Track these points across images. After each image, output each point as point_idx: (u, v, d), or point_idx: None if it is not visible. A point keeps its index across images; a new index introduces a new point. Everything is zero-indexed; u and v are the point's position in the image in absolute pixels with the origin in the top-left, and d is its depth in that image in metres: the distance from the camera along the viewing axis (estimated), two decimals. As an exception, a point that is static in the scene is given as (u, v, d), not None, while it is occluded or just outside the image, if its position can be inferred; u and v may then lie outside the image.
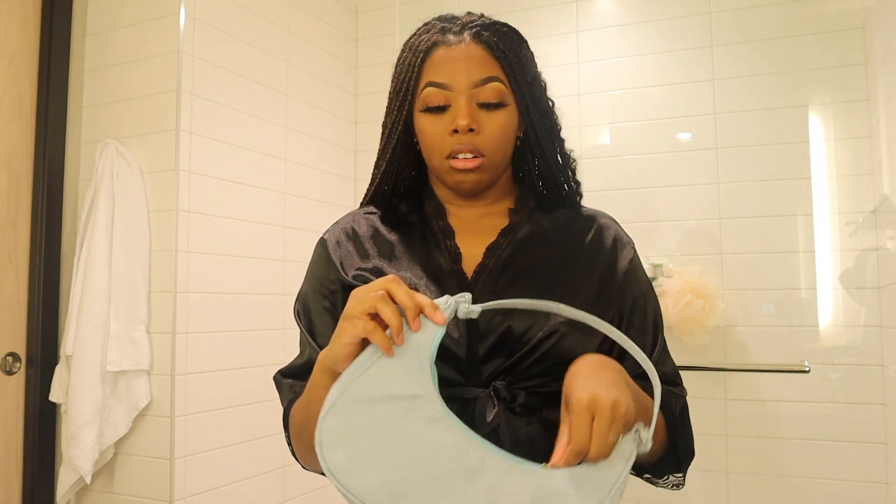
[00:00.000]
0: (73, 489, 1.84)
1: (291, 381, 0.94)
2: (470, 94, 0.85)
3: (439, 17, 0.90)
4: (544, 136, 0.92)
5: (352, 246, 0.93)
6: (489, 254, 0.89)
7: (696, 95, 2.12)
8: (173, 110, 1.86)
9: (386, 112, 0.93)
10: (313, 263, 0.97)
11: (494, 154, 0.87)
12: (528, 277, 0.87)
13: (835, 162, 1.98)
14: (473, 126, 0.84)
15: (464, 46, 0.86)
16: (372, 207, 0.98)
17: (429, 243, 0.91)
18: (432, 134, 0.87)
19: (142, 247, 1.85)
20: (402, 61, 0.90)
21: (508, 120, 0.88)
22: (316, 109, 2.42)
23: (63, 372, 1.82)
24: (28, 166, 1.90)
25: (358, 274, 0.90)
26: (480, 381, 0.83)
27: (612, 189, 2.18)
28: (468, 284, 0.87)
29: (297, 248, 2.28)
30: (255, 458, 2.07)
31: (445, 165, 0.87)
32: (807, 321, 1.98)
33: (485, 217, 0.94)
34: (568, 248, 0.91)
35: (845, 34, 1.98)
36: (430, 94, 0.86)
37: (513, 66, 0.87)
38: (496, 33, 0.87)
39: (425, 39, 0.88)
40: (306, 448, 0.84)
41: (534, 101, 0.90)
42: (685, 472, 0.90)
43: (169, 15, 1.89)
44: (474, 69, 0.85)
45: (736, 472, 2.01)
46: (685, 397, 0.92)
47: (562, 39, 2.29)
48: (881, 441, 1.88)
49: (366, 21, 2.66)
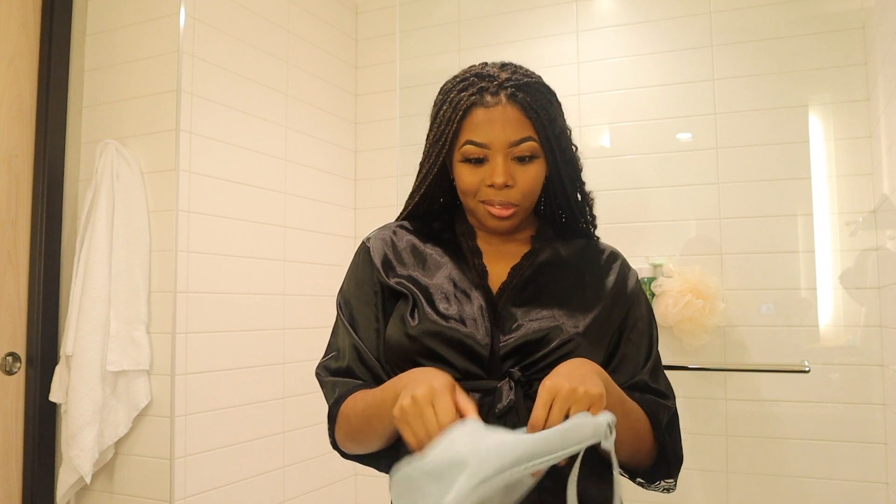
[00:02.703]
0: (73, 489, 1.84)
1: (335, 380, 1.01)
2: (506, 152, 0.95)
3: (477, 74, 0.97)
4: (568, 181, 1.03)
5: (392, 253, 1.04)
6: (513, 273, 1.01)
7: (696, 95, 2.12)
8: (173, 110, 1.86)
9: (426, 155, 1.03)
10: (355, 265, 1.06)
11: (526, 201, 0.99)
12: (547, 294, 0.99)
13: (835, 162, 1.98)
14: (510, 182, 0.95)
15: (500, 108, 0.94)
16: (406, 223, 1.09)
17: (459, 260, 1.03)
18: (469, 182, 0.97)
19: (142, 247, 1.85)
20: (443, 115, 0.98)
21: (540, 172, 0.99)
22: (316, 109, 2.42)
23: (63, 372, 1.82)
24: (28, 166, 1.90)
25: (397, 280, 1.01)
26: (500, 374, 0.94)
27: (613, 189, 2.18)
28: (493, 298, 0.98)
29: (297, 248, 2.28)
30: (255, 458, 2.07)
31: (481, 208, 0.99)
32: (807, 321, 1.98)
33: (509, 243, 1.05)
34: (582, 270, 1.03)
35: (845, 34, 1.98)
36: (470, 150, 0.96)
37: (544, 124, 0.96)
38: (529, 93, 0.95)
39: (464, 98, 0.96)
40: (357, 445, 0.97)
41: (561, 152, 1.00)
42: (675, 478, 1.00)
43: (169, 15, 1.89)
44: (510, 130, 0.94)
45: (736, 472, 2.01)
46: (674, 410, 1.03)
47: (562, 39, 2.29)
48: (881, 441, 1.88)
49: (366, 21, 2.66)
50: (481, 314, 0.96)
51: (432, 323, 0.94)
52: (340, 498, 2.44)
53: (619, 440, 0.88)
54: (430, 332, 0.94)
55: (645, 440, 0.96)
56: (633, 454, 0.96)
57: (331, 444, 1.03)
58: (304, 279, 2.30)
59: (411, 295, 0.98)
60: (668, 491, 1.01)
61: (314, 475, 2.30)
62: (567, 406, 0.79)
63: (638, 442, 0.95)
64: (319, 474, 2.32)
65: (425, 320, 0.95)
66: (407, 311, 0.97)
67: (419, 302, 0.97)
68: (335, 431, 0.99)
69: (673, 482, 1.00)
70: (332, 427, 1.00)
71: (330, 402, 1.00)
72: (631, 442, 0.94)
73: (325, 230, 2.43)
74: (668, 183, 2.13)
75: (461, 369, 0.94)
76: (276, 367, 2.17)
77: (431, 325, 0.94)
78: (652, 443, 0.97)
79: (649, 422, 0.96)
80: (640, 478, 1.01)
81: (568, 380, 0.81)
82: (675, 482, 1.00)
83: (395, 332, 0.97)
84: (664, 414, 1.00)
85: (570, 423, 0.75)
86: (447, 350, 0.94)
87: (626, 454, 0.95)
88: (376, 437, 0.93)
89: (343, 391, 0.98)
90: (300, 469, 2.24)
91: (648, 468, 0.99)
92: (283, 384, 2.19)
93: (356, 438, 0.96)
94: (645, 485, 1.01)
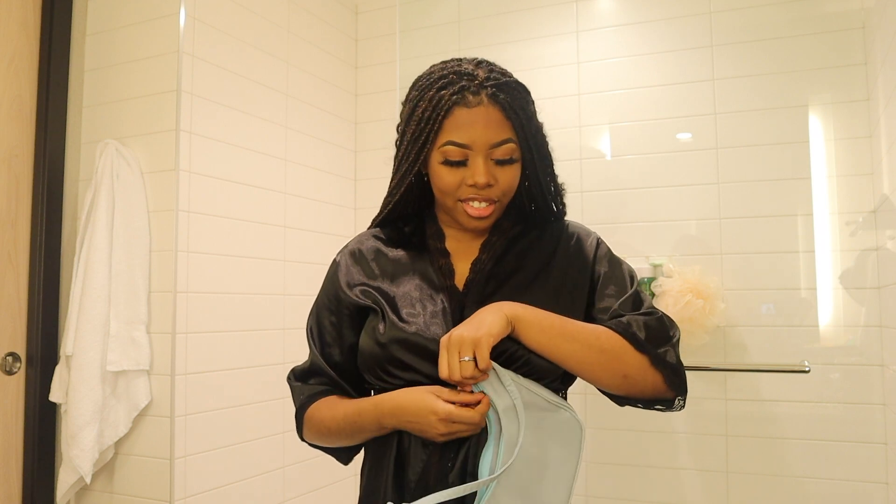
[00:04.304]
0: (73, 489, 1.84)
1: (300, 385, 1.11)
2: (487, 153, 0.96)
3: (456, 71, 0.97)
4: (542, 173, 1.04)
5: (357, 266, 1.08)
6: (474, 269, 1.03)
7: (696, 95, 2.12)
8: (173, 110, 1.86)
9: (403, 154, 1.01)
10: (326, 281, 1.12)
11: (505, 199, 1.01)
12: (509, 285, 1.01)
13: (835, 162, 1.98)
14: (491, 182, 0.97)
15: (482, 109, 0.95)
16: (378, 230, 1.12)
17: (426, 262, 1.05)
18: (449, 182, 0.98)
19: (142, 247, 1.85)
20: (422, 113, 0.97)
21: (518, 172, 1.01)
22: (316, 109, 2.42)
23: (63, 372, 1.82)
24: (28, 166, 1.90)
25: (363, 290, 1.04)
26: None
27: (613, 189, 2.18)
28: (459, 296, 1.00)
29: (297, 248, 2.28)
30: (255, 458, 2.07)
31: (459, 207, 1.00)
32: (807, 321, 1.98)
33: (478, 239, 1.07)
34: (545, 254, 1.05)
35: (845, 34, 1.98)
36: (451, 151, 0.96)
37: (523, 125, 0.97)
38: (509, 94, 0.96)
39: (446, 97, 0.95)
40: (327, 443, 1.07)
41: (537, 149, 1.01)
42: (683, 393, 1.00)
43: (169, 15, 1.89)
44: (492, 132, 0.95)
45: (736, 472, 2.01)
46: (659, 315, 1.01)
47: (562, 39, 2.29)
48: (881, 441, 1.88)
49: (366, 21, 2.66)
50: (444, 317, 0.98)
51: (399, 330, 0.97)
52: (340, 498, 2.44)
53: (582, 365, 0.94)
54: (397, 340, 0.97)
55: (626, 359, 0.94)
56: (623, 377, 0.95)
57: (299, 437, 1.12)
58: (304, 279, 2.30)
59: (378, 307, 1.01)
60: (681, 407, 1.00)
61: (314, 475, 2.30)
62: (457, 352, 0.88)
63: (615, 361, 0.94)
64: (319, 474, 2.32)
65: (392, 329, 0.98)
66: (377, 322, 1.00)
67: (385, 312, 1.00)
68: (303, 431, 1.09)
69: (683, 401, 1.00)
70: (300, 427, 1.09)
71: (295, 405, 1.10)
72: (604, 364, 0.93)
73: (325, 230, 2.43)
74: (668, 183, 2.13)
75: (428, 375, 0.95)
76: (276, 367, 2.17)
77: (398, 333, 0.97)
78: (639, 357, 0.95)
79: (623, 339, 0.94)
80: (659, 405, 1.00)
81: (461, 328, 0.89)
82: (684, 401, 1.00)
83: (366, 343, 1.01)
84: (641, 329, 0.97)
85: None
86: (412, 357, 0.96)
87: (608, 378, 0.95)
88: (350, 442, 1.05)
89: (303, 399, 1.08)
90: (300, 469, 2.24)
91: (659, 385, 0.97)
92: (283, 384, 2.19)
93: (327, 441, 1.07)
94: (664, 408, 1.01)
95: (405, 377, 0.96)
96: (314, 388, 1.08)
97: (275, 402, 2.16)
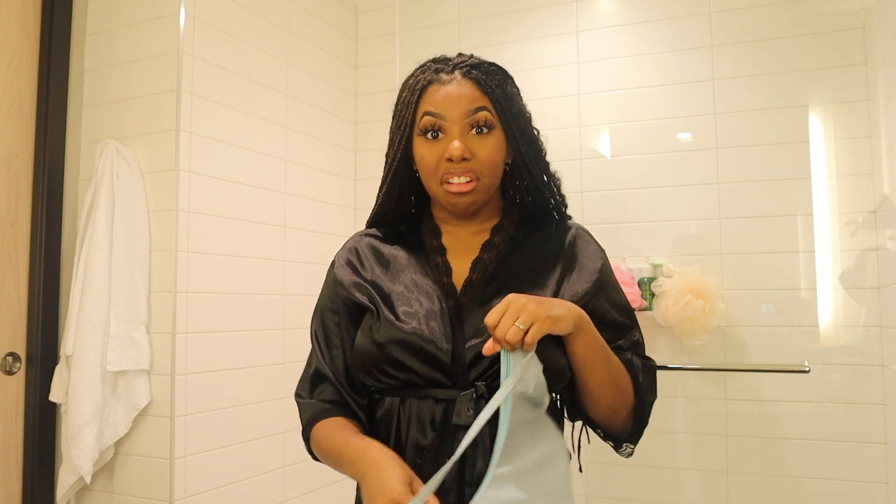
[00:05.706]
0: (73, 489, 1.84)
1: (304, 402, 1.07)
2: (462, 123, 0.97)
3: (433, 59, 1.02)
4: (531, 160, 1.03)
5: (354, 264, 1.07)
6: (474, 268, 1.01)
7: (696, 95, 2.12)
8: (173, 110, 1.86)
9: (388, 144, 1.04)
10: (325, 283, 1.11)
11: (485, 176, 0.99)
12: (511, 287, 0.97)
13: (835, 162, 1.98)
14: (467, 155, 0.96)
15: (455, 83, 0.98)
16: (374, 230, 1.11)
17: (422, 260, 1.04)
18: (429, 160, 0.98)
19: (142, 247, 1.85)
20: (402, 99, 1.02)
21: (497, 144, 0.99)
22: (316, 109, 2.42)
23: (63, 372, 1.82)
24: (28, 166, 1.90)
25: (358, 286, 1.03)
26: (467, 383, 0.93)
27: (612, 189, 2.18)
28: (457, 296, 0.99)
29: (297, 248, 2.28)
30: (255, 458, 2.07)
31: (441, 190, 0.99)
32: (807, 321, 1.98)
33: (477, 234, 1.05)
34: (548, 255, 1.03)
35: (845, 34, 1.98)
36: (427, 121, 0.98)
37: (499, 99, 0.98)
38: (484, 71, 0.99)
39: (421, 79, 1.00)
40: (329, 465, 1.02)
41: (520, 131, 1.01)
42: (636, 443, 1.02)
43: (169, 15, 1.89)
44: (465, 101, 0.97)
45: (736, 472, 2.01)
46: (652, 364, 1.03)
47: (562, 39, 2.29)
48: (881, 441, 1.88)
49: (366, 21, 2.66)
50: (441, 318, 0.96)
51: (396, 330, 0.95)
52: (340, 498, 2.44)
53: (599, 390, 0.94)
54: (394, 340, 0.95)
55: (626, 397, 0.97)
56: (613, 411, 0.97)
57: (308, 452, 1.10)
58: (304, 279, 2.30)
59: (374, 305, 1.00)
60: (629, 455, 1.03)
61: (314, 475, 2.30)
62: (516, 316, 0.82)
63: (619, 396, 0.96)
64: (319, 474, 2.32)
65: (388, 328, 0.96)
66: (374, 321, 0.99)
67: (381, 309, 0.99)
68: (311, 448, 1.06)
69: (632, 448, 1.02)
70: (308, 444, 1.06)
71: (302, 422, 1.06)
72: (612, 395, 0.95)
73: (325, 230, 2.43)
74: (668, 183, 2.13)
75: (424, 376, 0.94)
76: (276, 367, 2.17)
77: (395, 333, 0.95)
78: (632, 402, 0.97)
79: (630, 379, 0.97)
80: (612, 439, 1.02)
81: (532, 301, 0.85)
82: (632, 449, 1.02)
83: (362, 342, 0.99)
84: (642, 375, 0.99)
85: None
86: (409, 358, 0.94)
87: (605, 408, 0.96)
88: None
89: (309, 417, 1.04)
90: (300, 469, 2.24)
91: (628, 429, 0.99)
92: (283, 384, 2.19)
93: (329, 464, 1.03)
94: (615, 446, 1.03)
95: (402, 377, 0.96)
96: (318, 406, 1.04)
97: (275, 402, 2.16)
